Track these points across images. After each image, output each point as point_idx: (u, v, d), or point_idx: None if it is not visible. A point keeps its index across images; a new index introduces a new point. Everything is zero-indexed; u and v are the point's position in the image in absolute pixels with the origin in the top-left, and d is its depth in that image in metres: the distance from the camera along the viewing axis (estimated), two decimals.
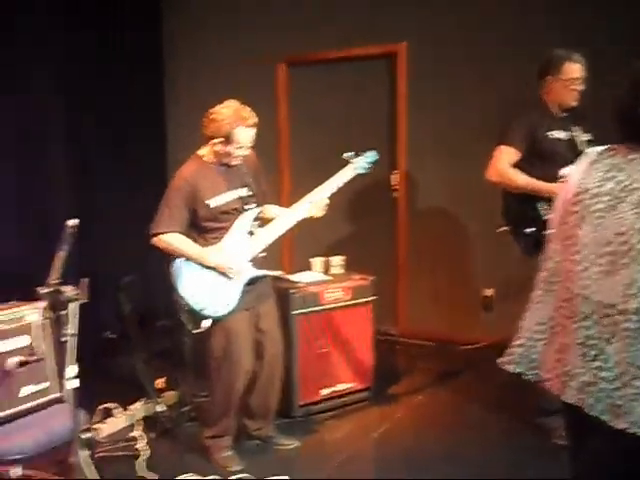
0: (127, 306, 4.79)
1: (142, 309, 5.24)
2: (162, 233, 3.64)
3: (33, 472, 3.40)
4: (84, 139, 6.03)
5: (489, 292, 5.74)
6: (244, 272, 3.70)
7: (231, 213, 3.72)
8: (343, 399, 4.56)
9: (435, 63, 5.77)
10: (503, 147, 3.96)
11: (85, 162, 6.04)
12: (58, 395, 3.35)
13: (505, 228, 4.09)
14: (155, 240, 3.67)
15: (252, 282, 3.74)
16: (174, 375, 4.74)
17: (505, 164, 3.93)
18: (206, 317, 3.65)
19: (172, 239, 3.64)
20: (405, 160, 6.00)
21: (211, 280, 3.66)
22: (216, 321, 3.68)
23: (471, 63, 5.60)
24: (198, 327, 3.66)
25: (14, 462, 2.98)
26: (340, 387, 4.54)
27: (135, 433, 4.12)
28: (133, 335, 4.70)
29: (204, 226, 3.70)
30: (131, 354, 4.77)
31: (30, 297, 3.46)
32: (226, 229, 3.71)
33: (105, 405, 4.28)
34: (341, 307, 4.50)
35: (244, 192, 3.76)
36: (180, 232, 3.66)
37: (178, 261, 3.67)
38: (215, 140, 3.61)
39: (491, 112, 5.29)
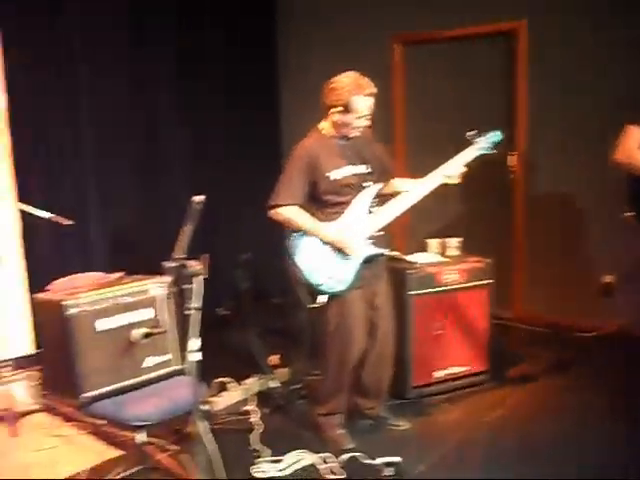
0: (244, 283, 4.86)
1: (257, 286, 5.33)
2: (280, 206, 3.65)
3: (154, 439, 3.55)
4: (201, 120, 6.18)
5: (609, 278, 5.53)
6: (361, 249, 3.69)
7: (350, 187, 3.69)
8: (457, 382, 4.50)
9: (557, 41, 5.55)
10: (632, 127, 3.79)
11: (201, 142, 6.20)
12: (179, 367, 3.46)
13: (630, 213, 3.92)
14: (272, 213, 3.69)
15: (369, 260, 3.72)
16: (287, 352, 4.81)
17: (633, 145, 3.76)
18: (322, 293, 3.67)
19: (289, 212, 3.65)
20: (524, 141, 5.83)
21: (329, 256, 3.67)
22: (332, 297, 3.68)
23: (598, 42, 5.36)
24: (314, 302, 3.68)
25: (139, 428, 3.09)
26: (454, 370, 4.49)
27: (248, 407, 4.21)
28: (248, 311, 4.77)
29: (324, 200, 3.69)
30: (245, 330, 4.86)
31: (155, 271, 3.60)
32: (346, 204, 3.69)
33: (220, 379, 4.39)
34: (457, 289, 4.43)
35: (363, 169, 3.73)
36: (298, 205, 3.67)
37: (297, 235, 3.69)
38: (334, 109, 3.61)
39: (617, 93, 5.09)
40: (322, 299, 3.66)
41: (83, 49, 5.46)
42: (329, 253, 3.67)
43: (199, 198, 2.76)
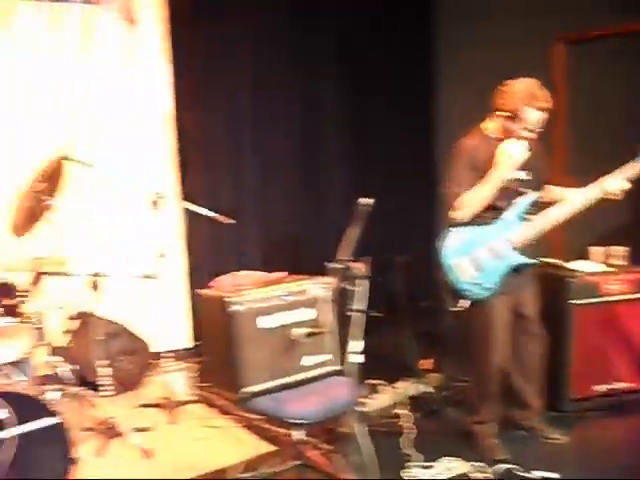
0: (398, 285, 4.86)
1: (411, 289, 5.31)
2: (457, 196, 3.58)
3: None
4: (361, 121, 6.24)
5: None
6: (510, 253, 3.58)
7: (507, 192, 3.60)
8: (619, 398, 4.29)
9: None
10: None
11: (360, 144, 6.26)
12: (338, 368, 3.48)
13: None
14: (454, 208, 3.60)
15: (517, 269, 3.62)
16: (438, 357, 4.76)
17: None
18: (465, 297, 3.61)
19: (467, 196, 3.56)
20: None
21: (476, 261, 3.61)
22: (475, 303, 3.62)
23: None
24: (456, 306, 3.63)
25: (297, 426, 3.13)
26: (616, 385, 4.28)
27: (399, 411, 4.18)
28: (402, 314, 4.75)
29: None
30: (398, 333, 4.84)
31: (317, 272, 3.66)
32: (501, 209, 3.61)
33: (372, 381, 4.40)
34: (622, 301, 4.23)
35: (522, 175, 3.63)
36: None
37: (446, 239, 3.65)
38: (500, 113, 3.53)
39: None
40: (463, 303, 3.62)
41: (246, 49, 5.66)
42: (477, 259, 3.61)
43: (366, 200, 2.77)
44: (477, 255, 3.62)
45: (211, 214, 4.39)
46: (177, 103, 5.45)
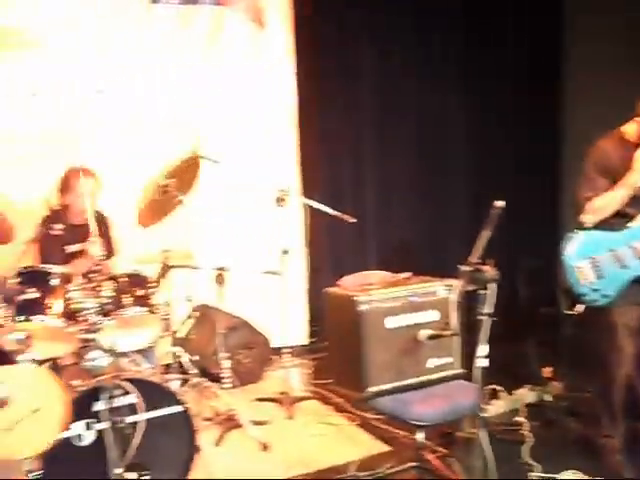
0: (523, 290, 4.77)
1: (535, 294, 5.20)
2: (588, 200, 3.48)
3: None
4: (480, 134, 6.17)
5: None
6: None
7: (639, 200, 3.44)
8: None
9: None
10: None
11: (480, 152, 6.18)
12: (460, 371, 3.45)
13: None
14: (585, 212, 3.50)
15: None
16: (559, 365, 4.64)
17: None
18: (582, 302, 3.47)
19: (598, 200, 3.44)
20: None
21: (598, 267, 3.46)
22: (593, 310, 3.47)
23: None
24: (571, 310, 3.50)
25: (419, 427, 3.12)
26: None
27: (519, 418, 4.10)
28: (525, 320, 4.66)
29: None
30: (518, 338, 4.74)
31: (444, 274, 3.64)
32: (630, 217, 3.45)
33: (491, 387, 4.33)
34: None
35: None
36: None
37: (570, 241, 3.52)
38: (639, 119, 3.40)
39: None
40: (579, 308, 3.49)
41: (368, 51, 5.69)
42: (599, 263, 3.46)
43: (500, 203, 2.72)
44: (599, 260, 3.48)
45: (333, 212, 4.42)
46: (300, 102, 5.53)
